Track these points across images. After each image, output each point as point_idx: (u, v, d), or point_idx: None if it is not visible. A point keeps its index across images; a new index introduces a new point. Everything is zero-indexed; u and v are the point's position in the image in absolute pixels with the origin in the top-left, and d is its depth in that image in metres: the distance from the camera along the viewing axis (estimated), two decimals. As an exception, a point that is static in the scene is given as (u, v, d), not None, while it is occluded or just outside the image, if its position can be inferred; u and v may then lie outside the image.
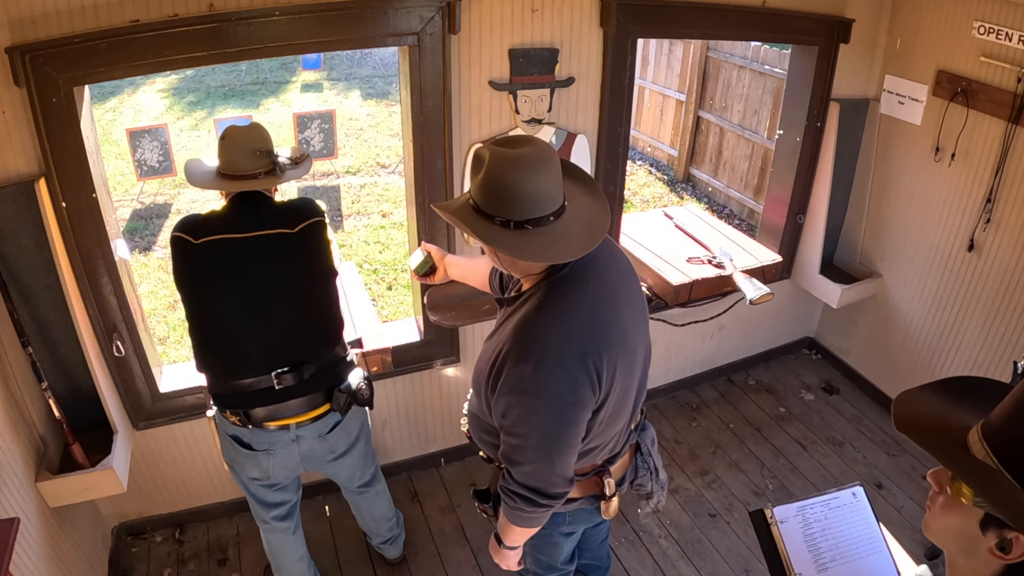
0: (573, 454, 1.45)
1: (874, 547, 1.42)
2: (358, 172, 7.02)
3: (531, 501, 1.45)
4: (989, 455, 0.83)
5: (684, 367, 3.57)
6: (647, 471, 1.78)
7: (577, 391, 1.36)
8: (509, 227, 1.32)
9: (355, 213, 6.18)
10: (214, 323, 1.86)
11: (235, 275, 1.81)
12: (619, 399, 1.48)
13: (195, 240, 1.78)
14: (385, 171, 7.05)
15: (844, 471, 3.11)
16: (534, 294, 1.42)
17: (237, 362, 1.88)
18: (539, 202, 1.31)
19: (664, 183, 6.90)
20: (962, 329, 3.02)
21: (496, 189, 1.30)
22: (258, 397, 1.90)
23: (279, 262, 1.85)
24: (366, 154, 7.45)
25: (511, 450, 1.43)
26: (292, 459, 2.04)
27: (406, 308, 4.72)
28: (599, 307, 1.41)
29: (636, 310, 1.53)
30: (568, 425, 1.39)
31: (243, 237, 1.81)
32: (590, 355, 1.36)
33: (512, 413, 1.39)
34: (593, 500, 1.69)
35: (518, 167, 1.29)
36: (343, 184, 6.73)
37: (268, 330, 1.86)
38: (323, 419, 2.02)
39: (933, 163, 2.94)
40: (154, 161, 5.70)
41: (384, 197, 6.47)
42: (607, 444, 1.60)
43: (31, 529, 1.94)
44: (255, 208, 1.86)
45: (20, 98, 1.86)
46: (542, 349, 1.35)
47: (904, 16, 2.92)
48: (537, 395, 1.34)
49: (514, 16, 2.31)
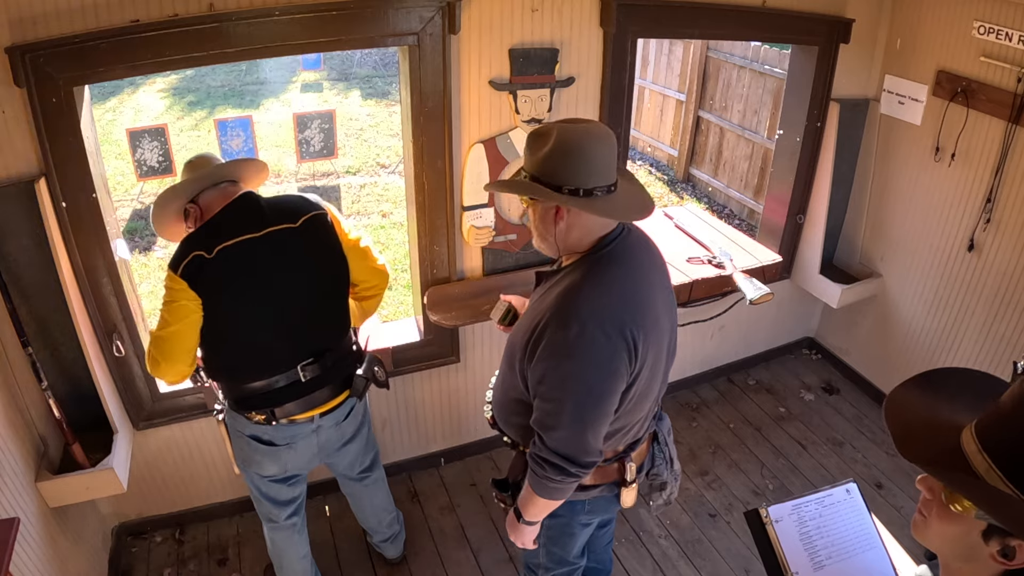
0: (605, 424, 1.47)
1: (869, 543, 1.42)
2: (358, 172, 7.02)
3: (561, 469, 1.46)
4: (992, 468, 0.80)
5: (684, 367, 3.57)
6: (664, 460, 1.80)
7: (616, 359, 1.41)
8: (578, 194, 1.40)
9: (355, 213, 6.18)
10: (239, 328, 1.83)
11: (255, 274, 1.80)
12: (648, 379, 1.53)
13: (210, 254, 1.74)
14: (385, 171, 7.05)
15: (844, 471, 3.11)
16: (576, 268, 1.48)
17: (265, 362, 1.88)
18: (607, 171, 1.42)
19: (664, 183, 6.90)
20: (962, 329, 3.02)
21: (568, 157, 1.39)
22: (287, 392, 1.91)
23: (290, 255, 1.85)
24: (366, 154, 7.45)
25: (545, 415, 1.46)
26: (310, 450, 2.07)
27: (406, 308, 4.72)
28: (635, 284, 1.48)
29: (667, 300, 1.60)
30: (605, 394, 1.43)
31: (256, 236, 1.80)
32: (628, 325, 1.41)
33: (551, 377, 1.43)
34: (613, 487, 1.71)
35: (591, 137, 1.40)
36: (343, 184, 6.73)
37: (291, 325, 1.87)
38: (342, 406, 2.06)
39: (933, 163, 2.94)
40: (154, 161, 5.70)
41: (384, 197, 6.47)
42: (632, 427, 1.63)
43: (31, 529, 1.94)
44: (256, 207, 1.85)
45: (20, 98, 1.86)
46: (586, 314, 1.40)
47: (904, 16, 2.92)
48: (579, 358, 1.39)
49: (514, 16, 2.31)
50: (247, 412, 1.94)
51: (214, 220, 1.81)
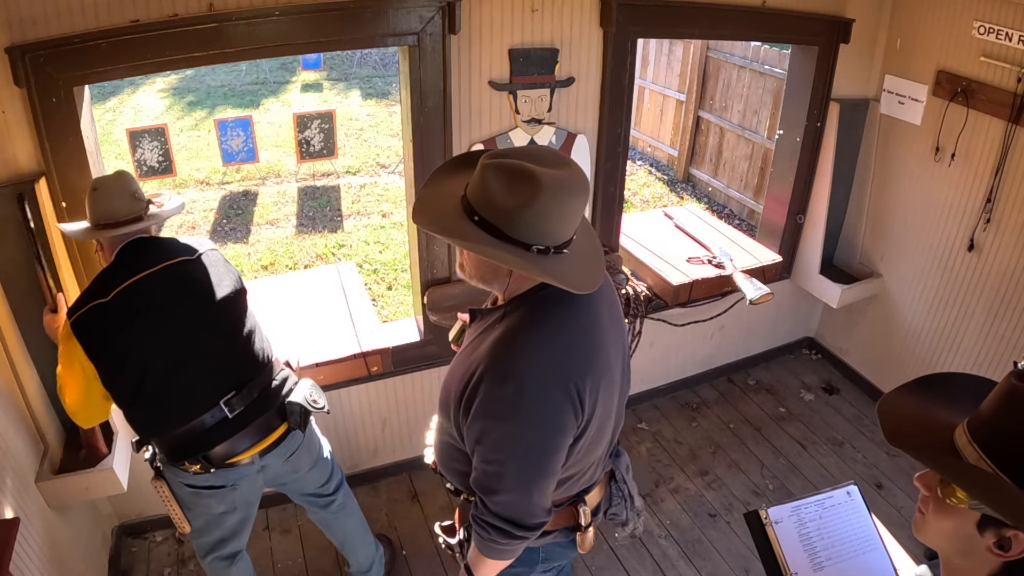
0: (552, 483, 1.36)
1: (870, 545, 1.42)
2: (358, 172, 7.02)
3: (506, 533, 1.35)
4: (982, 458, 0.82)
5: (684, 367, 3.57)
6: (621, 499, 1.68)
7: (559, 416, 1.27)
8: (530, 250, 1.22)
9: (355, 213, 6.19)
10: (149, 367, 1.75)
11: (157, 308, 1.76)
12: (599, 426, 1.40)
13: (106, 298, 1.71)
14: (385, 171, 7.06)
15: (844, 471, 3.11)
16: (515, 310, 1.32)
17: (186, 400, 1.81)
18: (566, 230, 1.25)
19: (664, 183, 6.90)
20: (962, 329, 3.02)
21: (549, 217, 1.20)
22: (217, 432, 1.82)
23: (190, 286, 1.82)
24: (366, 154, 7.46)
25: (486, 478, 1.33)
26: (256, 488, 2.02)
27: (406, 308, 4.72)
28: (586, 330, 1.33)
29: (617, 335, 1.45)
30: (549, 453, 1.30)
31: (152, 272, 1.77)
32: (573, 379, 1.27)
33: (488, 438, 1.29)
34: (568, 532, 1.58)
35: (573, 192, 1.21)
36: (343, 184, 6.73)
37: (204, 357, 1.82)
38: (285, 441, 1.96)
39: (933, 163, 2.94)
40: (154, 161, 5.71)
41: (384, 197, 6.47)
42: (585, 473, 1.51)
43: (31, 529, 1.94)
44: (149, 247, 1.83)
45: (20, 98, 1.86)
46: (524, 370, 1.25)
47: (904, 16, 2.92)
48: (517, 420, 1.26)
49: (514, 16, 2.31)
50: (181, 463, 1.83)
51: (111, 265, 1.80)
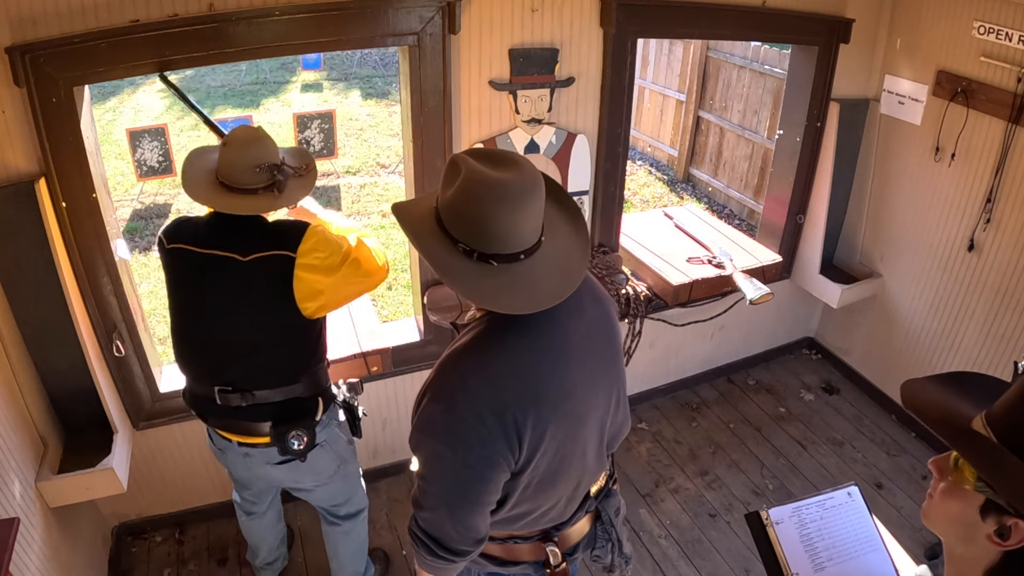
0: (478, 512, 1.29)
1: (871, 545, 1.41)
2: (358, 172, 7.02)
3: (431, 550, 1.31)
4: (993, 439, 0.84)
5: (684, 367, 3.57)
6: (607, 543, 1.59)
7: (488, 446, 1.20)
8: (471, 257, 1.16)
9: (355, 213, 6.18)
10: (176, 322, 1.88)
11: (186, 286, 1.82)
12: (553, 466, 1.31)
13: (167, 244, 1.81)
14: (385, 171, 7.05)
15: (844, 471, 3.11)
16: (473, 327, 1.27)
17: (188, 366, 1.91)
18: (511, 239, 1.15)
19: (664, 183, 6.90)
20: (962, 329, 3.02)
21: (465, 215, 1.15)
22: (203, 405, 1.92)
23: (223, 285, 1.77)
24: (366, 154, 7.45)
25: (417, 491, 1.31)
26: (243, 470, 2.04)
27: (406, 308, 4.72)
28: (538, 359, 1.23)
29: (597, 370, 1.35)
30: (472, 481, 1.23)
31: (197, 252, 1.76)
32: (511, 409, 1.19)
33: (419, 453, 1.28)
34: (539, 567, 1.50)
35: (495, 199, 1.12)
36: (343, 184, 6.73)
37: (208, 347, 1.85)
38: (268, 449, 1.92)
39: (933, 163, 2.94)
40: (154, 161, 5.70)
41: (384, 197, 6.47)
42: (544, 512, 1.42)
43: (31, 529, 1.94)
44: (227, 225, 1.76)
45: (20, 98, 1.86)
46: (457, 391, 1.20)
47: (904, 16, 2.92)
48: (443, 440, 1.21)
49: (514, 16, 2.31)
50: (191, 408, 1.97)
51: (200, 218, 1.83)
